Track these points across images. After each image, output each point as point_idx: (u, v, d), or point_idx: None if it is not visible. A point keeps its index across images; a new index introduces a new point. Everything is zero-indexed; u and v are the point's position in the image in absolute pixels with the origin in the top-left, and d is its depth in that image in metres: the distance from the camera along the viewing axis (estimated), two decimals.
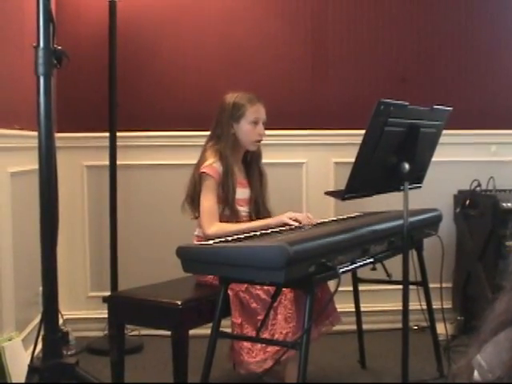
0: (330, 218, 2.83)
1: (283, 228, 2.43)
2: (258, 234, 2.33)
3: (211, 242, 2.22)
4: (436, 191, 3.52)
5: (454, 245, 3.60)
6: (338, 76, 3.68)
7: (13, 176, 2.78)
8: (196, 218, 2.64)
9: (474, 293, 3.43)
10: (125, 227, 3.44)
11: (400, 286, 2.29)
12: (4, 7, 2.76)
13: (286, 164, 3.61)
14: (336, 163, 3.62)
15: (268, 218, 2.63)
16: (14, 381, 2.50)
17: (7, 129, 2.75)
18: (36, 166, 1.91)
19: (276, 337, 2.28)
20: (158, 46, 3.58)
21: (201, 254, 2.13)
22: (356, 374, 3.00)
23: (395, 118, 2.19)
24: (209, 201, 2.55)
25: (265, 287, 2.35)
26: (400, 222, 2.26)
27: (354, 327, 3.10)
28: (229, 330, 2.36)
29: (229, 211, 2.59)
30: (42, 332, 1.92)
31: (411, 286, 2.34)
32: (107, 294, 2.76)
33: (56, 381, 1.91)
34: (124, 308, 2.46)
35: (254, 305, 2.37)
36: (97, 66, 3.42)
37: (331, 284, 2.48)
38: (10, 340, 2.61)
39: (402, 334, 2.27)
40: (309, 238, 2.05)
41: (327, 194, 2.92)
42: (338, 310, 2.60)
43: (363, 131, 2.13)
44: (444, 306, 2.73)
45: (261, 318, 2.30)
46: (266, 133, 2.71)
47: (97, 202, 3.54)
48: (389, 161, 2.28)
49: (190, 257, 2.15)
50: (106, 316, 2.52)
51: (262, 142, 2.70)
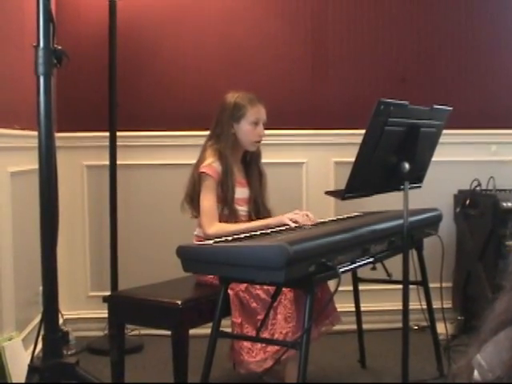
0: (330, 218, 2.83)
1: (283, 228, 2.43)
2: (258, 233, 2.33)
3: (211, 241, 2.22)
4: (436, 191, 3.52)
5: (454, 244, 3.60)
6: (337, 76, 3.68)
7: (13, 176, 2.78)
8: (195, 217, 2.64)
9: (474, 292, 3.43)
10: (125, 227, 3.44)
11: (400, 286, 2.29)
12: (4, 7, 2.76)
13: (286, 164, 3.61)
14: (336, 163, 3.62)
15: (268, 217, 2.63)
16: (14, 380, 2.50)
17: (7, 129, 2.75)
18: (36, 166, 1.91)
19: (276, 336, 2.28)
20: (157, 46, 3.58)
21: (201, 254, 2.13)
22: (356, 373, 3.00)
23: (395, 118, 2.19)
24: (208, 201, 2.55)
25: (265, 287, 2.35)
26: (400, 221, 2.26)
27: (354, 327, 3.11)
28: (229, 330, 2.36)
29: (227, 211, 2.59)
30: (42, 332, 1.92)
31: (411, 286, 2.34)
32: (107, 293, 2.76)
33: (56, 380, 1.91)
34: (124, 308, 2.46)
35: (254, 304, 2.37)
36: (97, 65, 3.42)
37: (331, 284, 2.47)
38: (10, 340, 2.61)
39: (402, 334, 2.27)
40: (309, 237, 2.05)
41: (327, 193, 2.92)
42: (338, 309, 2.60)
43: (363, 131, 2.13)
44: (444, 306, 2.73)
45: (261, 317, 2.30)
46: (266, 132, 2.72)
47: (97, 202, 3.54)
48: (389, 160, 2.28)
49: (190, 256, 2.15)
50: (106, 316, 2.52)
51: (262, 141, 2.70)
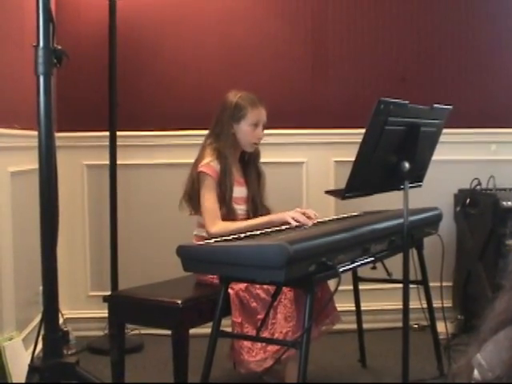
0: (331, 217, 2.83)
1: (284, 227, 2.43)
2: (258, 233, 2.33)
3: (211, 241, 2.22)
4: (436, 190, 3.52)
5: (455, 244, 3.60)
6: (337, 76, 3.67)
7: (13, 176, 2.78)
8: (194, 214, 2.64)
9: (474, 292, 3.43)
10: (125, 227, 3.44)
11: (400, 285, 2.29)
12: (4, 6, 2.76)
13: (286, 163, 3.61)
14: (336, 162, 3.62)
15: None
16: (14, 380, 2.50)
17: (7, 128, 2.75)
18: (36, 166, 1.91)
19: (276, 336, 2.28)
20: (158, 46, 3.58)
21: (201, 253, 2.13)
22: (356, 373, 3.00)
23: (395, 117, 2.19)
24: (209, 200, 2.55)
25: (265, 286, 2.35)
26: (400, 220, 2.26)
27: (354, 326, 3.10)
28: (229, 330, 2.36)
29: (225, 209, 2.58)
30: (43, 331, 1.92)
31: (411, 285, 2.33)
32: (107, 293, 2.76)
33: (56, 380, 1.91)
34: (124, 307, 2.46)
35: (254, 304, 2.37)
36: (97, 65, 3.42)
37: (331, 283, 2.47)
38: (11, 339, 2.62)
39: (402, 333, 2.27)
40: (309, 237, 2.05)
41: (327, 193, 2.92)
42: (339, 309, 2.60)
43: (363, 130, 2.13)
44: (444, 305, 2.73)
45: (261, 317, 2.30)
46: (267, 132, 2.72)
47: (97, 202, 3.54)
48: (389, 160, 2.27)
49: (190, 256, 2.15)
50: (107, 315, 2.52)
51: (261, 142, 2.70)
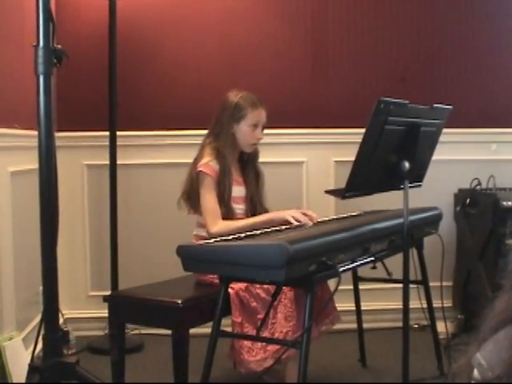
0: (331, 217, 2.83)
1: (284, 227, 2.43)
2: (259, 232, 2.33)
3: (211, 240, 2.22)
4: (436, 190, 3.52)
5: (455, 243, 3.61)
6: (337, 76, 3.68)
7: (13, 176, 2.78)
8: (193, 213, 2.64)
9: (474, 291, 3.43)
10: (125, 227, 3.44)
11: (400, 285, 2.29)
12: (4, 6, 2.76)
13: (286, 163, 3.61)
14: (336, 162, 3.62)
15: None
16: (14, 380, 2.50)
17: (7, 128, 2.75)
18: (36, 166, 1.91)
19: (276, 336, 2.28)
20: (158, 46, 3.58)
21: (201, 253, 2.13)
22: (356, 372, 3.00)
23: (395, 117, 2.19)
24: (210, 200, 2.55)
25: (265, 286, 2.35)
26: (400, 220, 2.26)
27: (354, 326, 3.10)
28: (229, 329, 2.36)
29: (224, 209, 2.58)
30: (43, 331, 1.92)
31: (411, 285, 2.33)
32: (107, 293, 2.76)
33: (56, 380, 1.91)
34: (124, 307, 2.46)
35: (254, 304, 2.37)
36: (97, 65, 3.42)
37: (331, 283, 2.47)
38: (11, 339, 2.62)
39: (402, 333, 2.27)
40: (309, 236, 2.05)
41: (327, 192, 2.92)
42: (339, 308, 2.60)
43: (363, 130, 2.13)
44: (444, 305, 2.73)
45: (261, 316, 2.30)
46: (266, 131, 2.72)
47: (97, 202, 3.54)
48: (389, 159, 2.27)
49: (190, 256, 2.15)
50: (107, 315, 2.51)
51: (261, 141, 2.70)
